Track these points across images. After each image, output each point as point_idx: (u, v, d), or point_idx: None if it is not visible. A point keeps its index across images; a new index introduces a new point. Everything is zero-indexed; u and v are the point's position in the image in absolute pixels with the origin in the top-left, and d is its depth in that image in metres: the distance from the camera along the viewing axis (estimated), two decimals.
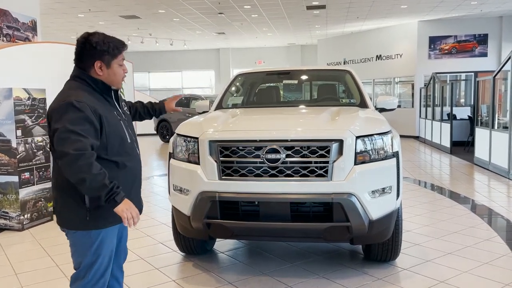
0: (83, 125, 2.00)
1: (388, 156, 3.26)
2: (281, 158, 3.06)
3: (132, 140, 2.26)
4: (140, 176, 2.34)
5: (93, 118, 2.04)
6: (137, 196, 2.32)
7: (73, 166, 1.96)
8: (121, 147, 2.17)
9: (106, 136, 2.10)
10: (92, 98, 2.11)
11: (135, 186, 2.29)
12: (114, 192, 2.01)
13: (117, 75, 2.21)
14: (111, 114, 2.17)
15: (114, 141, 2.13)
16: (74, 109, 2.01)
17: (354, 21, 15.39)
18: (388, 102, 4.35)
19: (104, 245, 2.19)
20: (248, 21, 15.14)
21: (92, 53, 2.14)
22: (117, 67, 2.20)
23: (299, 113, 4.12)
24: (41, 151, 5.22)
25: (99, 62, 2.15)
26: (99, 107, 2.10)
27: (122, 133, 2.20)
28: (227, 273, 3.60)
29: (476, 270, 3.55)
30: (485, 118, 10.06)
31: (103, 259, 2.20)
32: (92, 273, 2.18)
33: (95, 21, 14.83)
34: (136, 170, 2.26)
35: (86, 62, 2.16)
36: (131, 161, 2.23)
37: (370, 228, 3.13)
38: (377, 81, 17.50)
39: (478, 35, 15.11)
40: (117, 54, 2.18)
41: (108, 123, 2.11)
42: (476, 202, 6.03)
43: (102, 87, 2.19)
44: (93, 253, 2.17)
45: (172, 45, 19.52)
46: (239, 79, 5.04)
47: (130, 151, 2.23)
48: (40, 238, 4.68)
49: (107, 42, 2.14)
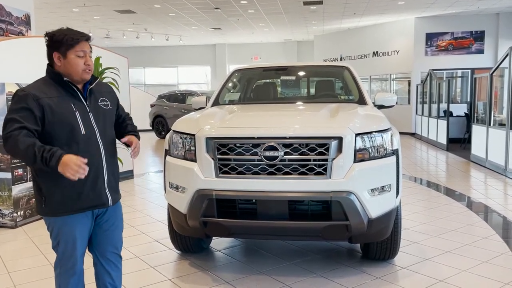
0: (21, 112, 2.14)
1: (388, 154, 3.22)
2: (279, 155, 3.01)
3: (90, 133, 2.28)
4: (97, 170, 2.29)
5: (33, 106, 2.15)
6: (94, 190, 2.30)
7: (7, 147, 2.12)
8: (71, 136, 2.22)
9: (50, 124, 2.19)
10: (44, 88, 2.23)
11: (91, 178, 2.25)
12: (45, 158, 2.05)
13: (74, 66, 2.25)
14: (62, 104, 2.23)
15: (60, 129, 2.21)
16: (17, 98, 2.19)
17: (351, 17, 15.34)
18: (387, 99, 4.30)
19: (62, 232, 2.30)
20: (245, 16, 15.04)
21: (51, 45, 2.26)
22: (74, 57, 2.24)
23: (298, 110, 4.06)
24: None
25: (56, 53, 2.25)
26: (47, 97, 2.20)
27: (74, 123, 2.24)
28: (223, 271, 3.55)
29: (475, 269, 3.52)
30: (481, 115, 10.06)
31: (66, 245, 2.31)
32: (60, 254, 2.34)
33: (89, 15, 14.68)
34: (89, 163, 2.14)
35: (48, 55, 2.29)
36: (83, 152, 2.20)
37: (369, 226, 3.09)
38: (373, 77, 17.48)
39: (475, 32, 15.10)
40: (73, 44, 2.23)
41: (53, 112, 2.19)
42: (473, 199, 6.02)
43: (57, 78, 2.27)
44: (54, 238, 2.33)
45: (168, 41, 19.40)
46: (236, 75, 4.97)
47: (83, 142, 2.25)
48: (33, 235, 4.61)
49: (63, 34, 2.24)
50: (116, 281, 2.51)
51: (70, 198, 2.25)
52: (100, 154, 2.31)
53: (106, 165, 2.34)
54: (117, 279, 2.52)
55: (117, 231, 2.50)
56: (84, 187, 2.25)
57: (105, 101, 2.44)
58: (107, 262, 2.48)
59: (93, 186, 2.29)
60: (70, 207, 2.26)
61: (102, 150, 2.32)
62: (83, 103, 2.31)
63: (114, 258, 2.50)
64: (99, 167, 2.31)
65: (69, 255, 2.32)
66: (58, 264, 2.37)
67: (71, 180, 2.09)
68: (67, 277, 2.35)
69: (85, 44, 2.28)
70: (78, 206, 2.28)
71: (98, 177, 2.31)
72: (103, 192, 2.34)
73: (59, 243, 2.32)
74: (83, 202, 2.28)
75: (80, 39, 2.25)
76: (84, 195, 2.27)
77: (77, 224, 2.31)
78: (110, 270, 2.48)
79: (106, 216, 2.43)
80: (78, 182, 2.16)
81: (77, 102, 2.29)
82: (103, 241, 2.45)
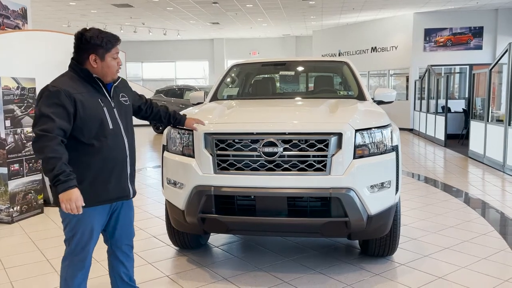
0: (54, 108, 2.17)
1: (388, 150, 3.19)
2: (279, 151, 2.98)
3: (116, 127, 2.38)
4: (122, 163, 2.42)
5: (66, 102, 2.20)
6: (119, 182, 2.42)
7: (35, 145, 2.16)
8: (100, 131, 2.31)
9: (81, 119, 2.25)
10: (73, 84, 2.28)
11: (116, 171, 2.38)
12: (58, 180, 2.12)
13: (110, 68, 2.35)
14: (92, 100, 2.31)
15: (91, 124, 2.28)
16: (48, 93, 2.21)
17: (349, 12, 15.28)
18: (386, 95, 4.27)
19: (81, 223, 2.34)
20: (243, 11, 14.96)
21: (87, 47, 2.30)
22: (110, 60, 2.34)
23: (297, 105, 4.03)
24: (30, 142, 5.08)
25: (93, 56, 2.31)
26: (78, 93, 2.26)
27: (103, 118, 2.32)
28: (222, 268, 3.53)
29: (474, 265, 3.50)
30: (479, 111, 10.04)
31: (82, 237, 2.36)
32: (74, 245, 2.38)
33: (87, 9, 14.57)
34: (116, 156, 2.36)
35: (81, 55, 2.33)
36: (111, 146, 2.34)
37: (369, 223, 3.07)
38: (372, 73, 17.45)
39: (473, 28, 15.07)
40: (110, 48, 2.33)
41: (84, 107, 2.25)
42: (471, 196, 6.01)
43: (86, 75, 2.34)
44: (70, 229, 2.37)
45: (166, 35, 19.30)
46: (234, 70, 4.93)
47: (111, 136, 2.34)
48: (30, 231, 4.57)
49: (100, 37, 2.30)
50: (130, 270, 2.66)
51: (98, 190, 2.33)
52: (124, 148, 2.42)
53: (129, 158, 2.46)
54: (130, 269, 2.66)
55: (131, 223, 2.64)
56: (110, 179, 2.35)
57: (125, 96, 2.54)
58: (122, 253, 2.60)
59: (118, 178, 2.40)
60: (97, 198, 2.33)
61: (126, 144, 2.43)
62: (108, 99, 2.40)
63: (128, 249, 2.64)
64: (123, 160, 2.42)
65: (83, 247, 2.38)
66: (69, 256, 2.41)
67: (99, 172, 2.29)
68: (75, 270, 2.40)
69: (118, 46, 2.41)
70: (104, 197, 2.37)
71: (123, 170, 2.42)
72: (126, 184, 2.46)
73: (74, 234, 2.35)
74: (110, 193, 2.38)
75: (115, 43, 2.36)
76: (111, 187, 2.37)
77: (96, 216, 2.38)
78: (124, 261, 2.62)
79: (123, 209, 2.55)
80: (105, 174, 2.32)
81: (103, 98, 2.38)
82: (120, 233, 2.57)
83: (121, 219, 2.55)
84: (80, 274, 2.42)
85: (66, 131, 2.21)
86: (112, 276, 2.67)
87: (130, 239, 2.64)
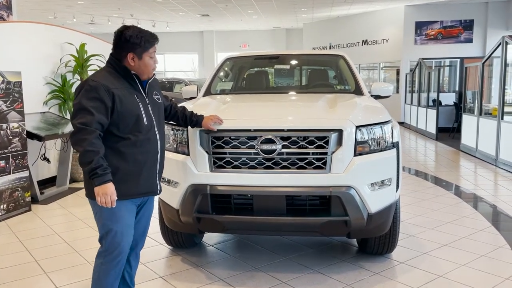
0: (94, 102, 2.22)
1: (388, 147, 3.11)
2: (277, 149, 2.88)
3: (150, 123, 2.41)
4: (153, 159, 2.44)
5: (105, 96, 2.24)
6: (149, 178, 2.44)
7: (73, 137, 2.21)
8: (136, 126, 2.34)
9: (118, 113, 2.28)
10: (112, 79, 2.32)
11: (147, 166, 2.40)
12: (95, 173, 2.16)
13: (147, 66, 2.40)
14: (129, 96, 2.35)
15: (127, 119, 2.31)
16: (89, 87, 2.25)
17: (340, 5, 15.17)
18: (383, 89, 4.18)
19: (113, 218, 2.33)
20: (233, 2, 14.76)
21: (126, 46, 2.35)
22: (148, 59, 2.39)
23: (295, 101, 3.92)
24: (17, 138, 4.92)
25: (131, 54, 2.36)
26: (116, 88, 2.30)
27: (139, 113, 2.36)
28: (217, 268, 3.43)
29: (474, 263, 3.46)
30: (470, 104, 10.04)
31: (116, 234, 2.34)
32: (108, 244, 2.36)
33: (73, 0, 14.24)
34: (149, 151, 2.40)
35: (120, 53, 2.38)
36: (145, 141, 2.37)
37: (369, 221, 2.99)
38: (362, 66, 17.40)
39: (464, 21, 15.07)
40: (148, 47, 2.38)
41: (121, 102, 2.29)
42: (467, 190, 5.99)
43: (123, 71, 2.38)
44: (104, 224, 2.35)
45: (155, 27, 18.98)
46: (227, 63, 4.80)
47: (145, 132, 2.38)
48: (17, 230, 4.42)
49: (140, 36, 2.35)
50: (134, 271, 2.65)
51: (129, 183, 2.34)
52: (157, 144, 2.45)
53: (160, 155, 2.48)
54: (134, 269, 2.66)
55: (148, 224, 2.66)
56: (141, 173, 2.38)
57: (157, 94, 2.58)
58: (132, 252, 2.56)
59: (149, 173, 2.43)
60: (128, 191, 2.34)
61: (158, 140, 2.46)
62: (143, 96, 2.44)
63: (139, 249, 2.64)
64: (155, 156, 2.45)
65: (117, 244, 2.36)
66: (103, 254, 2.39)
67: (132, 166, 2.32)
68: (109, 268, 2.39)
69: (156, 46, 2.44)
70: (135, 191, 2.38)
71: (153, 166, 2.45)
72: (155, 180, 2.49)
73: (109, 231, 2.34)
74: (140, 187, 2.39)
75: (153, 42, 2.40)
76: (142, 181, 2.39)
77: (126, 210, 2.39)
78: (131, 260, 2.60)
79: (146, 207, 2.57)
80: (137, 168, 2.35)
81: (139, 94, 2.42)
82: (138, 233, 2.56)
83: (141, 218, 2.57)
84: (113, 272, 2.41)
85: (104, 125, 2.25)
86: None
87: (144, 239, 2.65)
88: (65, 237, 4.22)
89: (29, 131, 5.18)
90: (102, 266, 2.39)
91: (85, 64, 6.59)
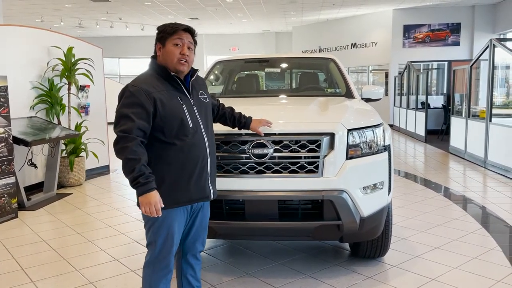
0: (134, 109, 2.14)
1: (380, 150, 3.10)
2: (269, 153, 2.85)
3: (196, 126, 2.29)
4: (202, 162, 2.32)
5: (146, 102, 2.15)
6: (200, 182, 2.32)
7: (116, 147, 2.13)
8: (181, 129, 2.23)
9: (161, 118, 2.18)
10: (153, 82, 2.24)
11: (196, 171, 2.29)
12: (137, 182, 2.07)
13: (170, 55, 2.25)
14: (171, 99, 2.24)
15: (171, 123, 2.21)
16: (129, 93, 2.18)
17: (329, 8, 15.25)
18: (374, 92, 4.19)
19: (164, 226, 2.26)
20: (223, 6, 14.75)
21: (156, 39, 2.31)
22: (171, 46, 2.26)
23: (286, 104, 3.89)
24: (3, 143, 4.83)
25: (159, 44, 2.31)
26: (157, 91, 2.20)
27: (183, 116, 2.24)
28: (208, 274, 3.39)
29: (466, 265, 3.46)
30: (458, 107, 10.13)
31: (165, 242, 2.27)
32: (157, 252, 2.29)
33: (61, 3, 14.10)
34: (197, 155, 2.28)
35: (154, 50, 2.33)
36: (192, 145, 2.26)
37: (361, 225, 2.97)
38: (351, 69, 17.49)
39: (451, 24, 15.24)
40: (171, 32, 2.26)
41: (164, 106, 2.19)
42: (456, 192, 6.01)
43: (162, 72, 2.29)
44: (153, 233, 2.28)
45: (143, 30, 18.89)
46: (217, 67, 4.77)
47: (191, 136, 2.26)
48: (3, 238, 4.33)
49: (167, 25, 2.29)
50: (197, 273, 2.56)
51: (178, 190, 2.25)
52: (205, 147, 2.33)
53: (209, 158, 2.36)
54: (198, 271, 2.57)
55: (206, 228, 2.54)
56: (191, 179, 2.27)
57: (203, 94, 2.46)
58: (192, 257, 2.51)
59: (199, 178, 2.31)
60: (177, 199, 2.25)
61: (206, 142, 2.34)
62: (187, 97, 2.33)
63: (199, 253, 2.56)
64: (204, 160, 2.32)
65: (167, 253, 2.30)
66: (152, 263, 2.32)
67: (180, 172, 2.22)
68: (159, 277, 2.33)
69: (183, 34, 2.28)
70: (185, 198, 2.28)
71: (203, 170, 2.33)
72: (206, 185, 2.36)
73: (157, 239, 2.27)
74: (191, 194, 2.28)
75: (178, 28, 2.27)
76: (192, 187, 2.27)
77: (177, 218, 2.30)
78: (193, 263, 2.52)
79: (202, 211, 2.45)
80: (186, 174, 2.24)
81: (183, 96, 2.31)
82: (194, 237, 2.47)
83: (197, 222, 2.45)
84: (165, 280, 2.35)
85: (146, 131, 2.17)
86: (178, 277, 2.57)
87: (203, 244, 2.55)
88: (52, 244, 4.14)
89: (16, 136, 5.09)
90: (153, 275, 2.33)
91: (72, 68, 6.51)
